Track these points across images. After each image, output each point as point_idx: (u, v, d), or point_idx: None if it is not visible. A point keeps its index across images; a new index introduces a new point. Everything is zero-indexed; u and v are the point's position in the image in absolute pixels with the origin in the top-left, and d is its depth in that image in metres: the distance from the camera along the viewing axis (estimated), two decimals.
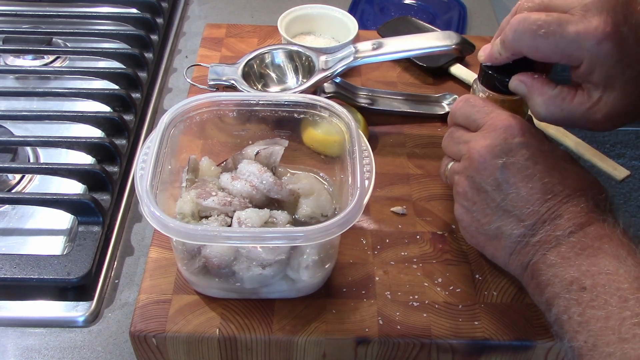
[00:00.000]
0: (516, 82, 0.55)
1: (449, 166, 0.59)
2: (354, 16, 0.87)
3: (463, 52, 0.71)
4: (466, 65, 0.85)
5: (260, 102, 0.61)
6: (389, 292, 0.59)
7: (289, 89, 0.76)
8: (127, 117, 0.77)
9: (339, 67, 0.72)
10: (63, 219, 0.67)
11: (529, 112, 0.57)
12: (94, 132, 0.76)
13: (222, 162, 0.64)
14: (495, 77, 0.58)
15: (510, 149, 0.51)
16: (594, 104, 0.51)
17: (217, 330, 0.55)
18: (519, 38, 0.52)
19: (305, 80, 0.73)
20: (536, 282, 0.50)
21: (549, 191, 0.50)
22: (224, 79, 0.73)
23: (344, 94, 0.78)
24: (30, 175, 0.72)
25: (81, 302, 0.60)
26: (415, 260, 0.62)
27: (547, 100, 0.53)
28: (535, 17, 0.51)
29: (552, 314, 0.47)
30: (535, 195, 0.50)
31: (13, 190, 0.70)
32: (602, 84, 0.50)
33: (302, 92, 0.70)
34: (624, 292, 0.43)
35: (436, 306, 0.58)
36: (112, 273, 0.64)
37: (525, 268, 0.51)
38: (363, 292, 0.59)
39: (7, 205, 0.69)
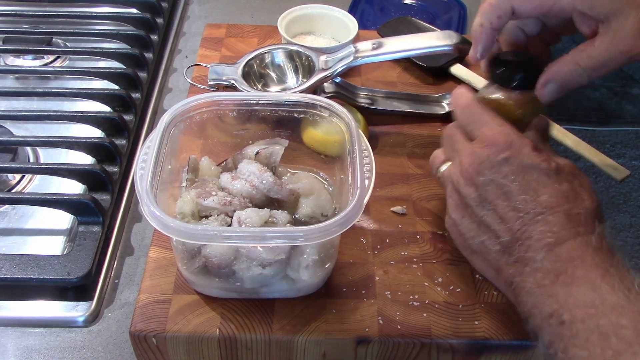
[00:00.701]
0: (545, 88, 0.54)
1: (442, 169, 0.58)
2: (354, 16, 0.87)
3: (463, 52, 0.71)
4: (466, 65, 0.85)
5: (260, 102, 0.61)
6: (389, 292, 0.59)
7: (289, 89, 0.76)
8: (127, 117, 0.77)
9: (339, 67, 0.72)
10: (63, 219, 0.67)
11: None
12: (94, 132, 0.76)
13: (222, 162, 0.64)
14: (504, 70, 0.57)
15: (492, 165, 0.51)
16: (614, 35, 0.49)
17: (217, 330, 0.55)
18: None
19: (305, 80, 0.73)
20: (521, 308, 0.49)
21: (521, 209, 0.49)
22: (224, 78, 0.73)
23: (344, 93, 0.78)
24: (30, 175, 0.72)
25: (81, 302, 0.60)
26: (415, 260, 0.62)
27: (575, 66, 0.52)
28: None
29: (541, 344, 0.47)
30: (509, 214, 0.49)
31: (13, 190, 0.70)
32: (605, 13, 0.49)
33: (302, 92, 0.70)
34: (603, 328, 0.42)
35: (436, 306, 0.58)
36: (112, 273, 0.64)
37: (510, 287, 0.50)
38: (363, 291, 0.59)
39: (7, 205, 0.69)
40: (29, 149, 0.75)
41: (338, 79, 0.78)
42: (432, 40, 0.71)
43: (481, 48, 0.57)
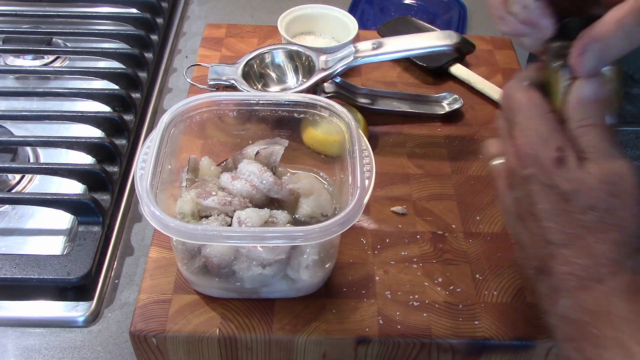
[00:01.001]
0: (582, 57, 0.43)
1: (494, 163, 0.50)
2: (354, 16, 0.87)
3: (463, 52, 0.71)
4: (466, 65, 0.85)
5: (260, 101, 0.61)
6: (389, 292, 0.59)
7: (289, 89, 0.76)
8: (127, 117, 0.77)
9: (339, 67, 0.72)
10: (63, 219, 0.67)
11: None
12: (94, 132, 0.75)
13: (222, 162, 0.64)
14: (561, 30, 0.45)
15: (519, 181, 0.45)
16: None
17: (217, 330, 0.55)
18: None
19: (305, 80, 0.73)
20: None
21: (539, 238, 0.44)
22: (224, 78, 0.73)
23: (344, 93, 0.78)
24: (30, 175, 0.72)
25: (81, 302, 0.60)
26: (415, 260, 0.62)
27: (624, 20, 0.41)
28: None
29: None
30: (535, 238, 0.45)
31: (13, 190, 0.70)
32: None
33: (302, 91, 0.70)
34: None
35: (436, 306, 0.58)
36: (112, 273, 0.64)
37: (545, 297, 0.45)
38: (363, 291, 0.59)
39: (7, 205, 0.69)
40: (29, 149, 0.75)
41: (338, 79, 0.78)
42: (432, 40, 0.71)
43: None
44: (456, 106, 0.79)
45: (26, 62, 0.88)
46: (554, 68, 0.45)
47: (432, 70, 0.85)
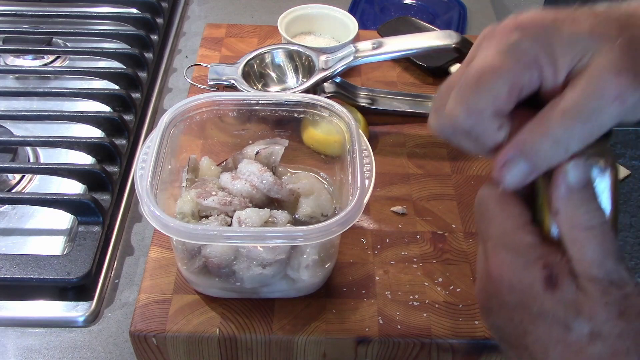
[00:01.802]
0: (506, 169, 0.36)
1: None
2: (354, 16, 0.87)
3: (463, 52, 0.71)
4: None
5: (260, 101, 0.61)
6: (389, 292, 0.59)
7: (289, 89, 0.76)
8: (127, 117, 0.77)
9: (339, 67, 0.72)
10: (63, 219, 0.67)
11: None
12: (94, 132, 0.75)
13: (222, 162, 0.64)
14: None
15: (501, 306, 0.37)
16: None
17: (217, 330, 0.55)
18: None
19: (305, 80, 0.73)
20: None
21: None
22: (224, 78, 0.73)
23: (344, 93, 0.78)
24: (30, 175, 0.72)
25: (81, 302, 0.60)
26: (415, 260, 0.62)
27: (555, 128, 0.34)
28: None
29: None
30: None
31: (13, 190, 0.70)
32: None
33: (302, 91, 0.70)
34: None
35: (436, 306, 0.58)
36: (112, 273, 0.64)
37: None
38: (363, 291, 0.59)
39: (7, 205, 0.69)
40: (29, 149, 0.75)
41: (338, 79, 0.78)
42: (432, 40, 0.71)
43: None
44: None
45: (26, 62, 0.88)
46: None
47: (432, 70, 0.85)
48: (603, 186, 0.35)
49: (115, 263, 0.65)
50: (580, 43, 0.34)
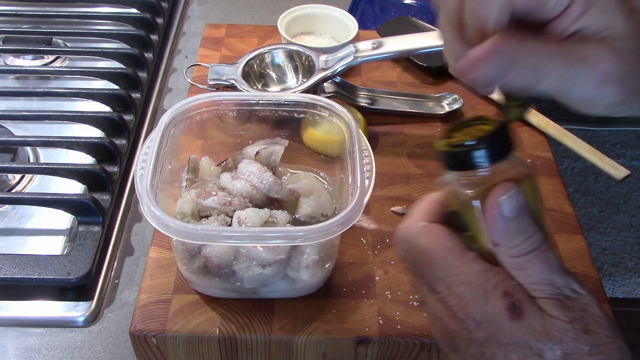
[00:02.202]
0: (479, 68, 0.35)
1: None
2: (354, 16, 0.87)
3: None
4: None
5: (260, 101, 0.61)
6: (389, 292, 0.59)
7: (289, 89, 0.76)
8: (127, 117, 0.77)
9: (339, 67, 0.72)
10: (63, 219, 0.67)
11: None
12: (94, 132, 0.75)
13: (222, 162, 0.64)
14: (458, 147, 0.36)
15: (469, 344, 0.36)
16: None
17: (217, 330, 0.55)
18: None
19: (305, 80, 0.73)
20: None
21: None
22: (224, 78, 0.73)
23: (344, 93, 0.78)
24: (30, 175, 0.72)
25: (81, 302, 0.60)
26: None
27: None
28: None
29: None
30: None
31: (13, 190, 0.70)
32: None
33: (302, 91, 0.70)
34: None
35: None
36: (112, 273, 0.64)
37: None
38: (363, 291, 0.59)
39: (7, 205, 0.69)
40: (29, 149, 0.75)
41: (338, 79, 0.78)
42: (432, 40, 0.71)
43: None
44: (456, 106, 0.79)
45: (26, 62, 0.88)
46: (464, 197, 0.36)
47: (432, 70, 0.85)
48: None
49: (115, 263, 0.65)
50: None
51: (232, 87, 0.73)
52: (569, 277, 0.36)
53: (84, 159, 0.72)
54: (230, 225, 0.55)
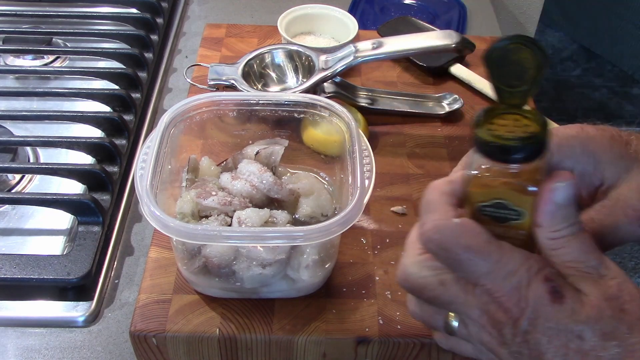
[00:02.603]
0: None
1: (453, 325, 0.43)
2: (354, 16, 0.87)
3: (463, 51, 0.71)
4: (466, 65, 0.85)
5: (260, 101, 0.61)
6: (389, 292, 0.59)
7: (289, 89, 0.76)
8: (127, 117, 0.77)
9: (339, 67, 0.72)
10: (63, 219, 0.67)
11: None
12: (94, 132, 0.75)
13: (222, 162, 0.64)
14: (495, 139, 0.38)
15: (516, 334, 0.38)
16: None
17: (217, 330, 0.55)
18: None
19: (305, 80, 0.73)
20: None
21: None
22: (224, 78, 0.73)
23: (344, 93, 0.78)
24: (30, 175, 0.72)
25: (81, 302, 0.60)
26: None
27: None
28: None
29: None
30: None
31: (13, 190, 0.70)
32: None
33: (302, 91, 0.70)
34: None
35: None
36: (112, 273, 0.64)
37: None
38: (363, 291, 0.59)
39: (7, 205, 0.69)
40: (29, 149, 0.75)
41: (338, 79, 0.78)
42: (432, 40, 0.71)
43: None
44: (456, 106, 0.79)
45: (26, 62, 0.88)
46: (514, 185, 0.38)
47: (432, 70, 0.85)
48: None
49: (115, 263, 0.65)
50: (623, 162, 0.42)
51: (232, 87, 0.73)
52: (603, 257, 0.38)
53: (84, 159, 0.72)
54: (230, 225, 0.55)
